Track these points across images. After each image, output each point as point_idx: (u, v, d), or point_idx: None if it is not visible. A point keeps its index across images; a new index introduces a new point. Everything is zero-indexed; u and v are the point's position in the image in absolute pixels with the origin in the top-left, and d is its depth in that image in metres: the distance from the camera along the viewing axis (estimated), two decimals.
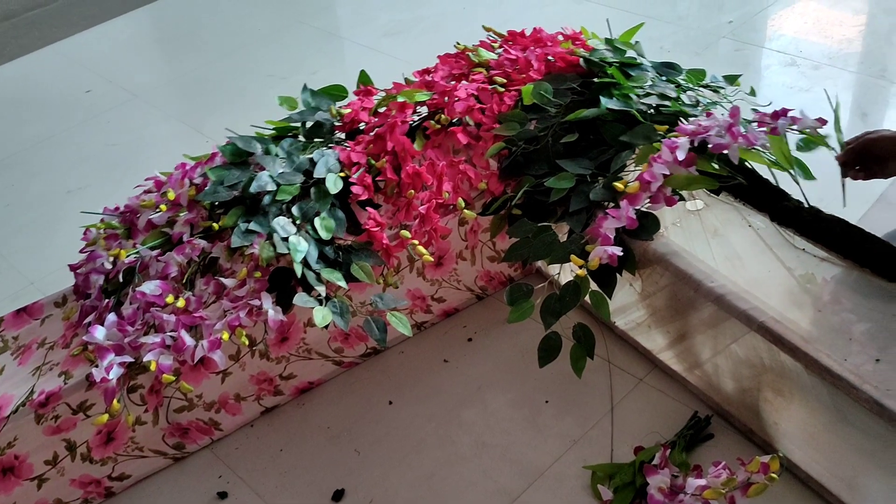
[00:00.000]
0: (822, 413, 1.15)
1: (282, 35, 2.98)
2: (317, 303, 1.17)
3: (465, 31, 1.63)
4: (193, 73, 2.77)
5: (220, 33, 3.05)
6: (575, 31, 1.59)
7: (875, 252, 1.13)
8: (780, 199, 1.25)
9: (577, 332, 1.20)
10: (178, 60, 2.94)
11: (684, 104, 1.39)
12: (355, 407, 1.41)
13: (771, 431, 1.21)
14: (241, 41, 2.95)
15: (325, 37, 2.99)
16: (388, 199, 1.33)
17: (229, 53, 2.86)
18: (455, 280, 1.51)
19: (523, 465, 1.28)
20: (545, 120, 1.38)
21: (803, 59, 2.40)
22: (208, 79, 2.71)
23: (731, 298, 1.14)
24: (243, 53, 2.86)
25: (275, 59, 2.78)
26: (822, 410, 1.15)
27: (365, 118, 1.44)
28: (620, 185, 1.20)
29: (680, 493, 1.08)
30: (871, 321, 1.10)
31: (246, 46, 2.91)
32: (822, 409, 1.14)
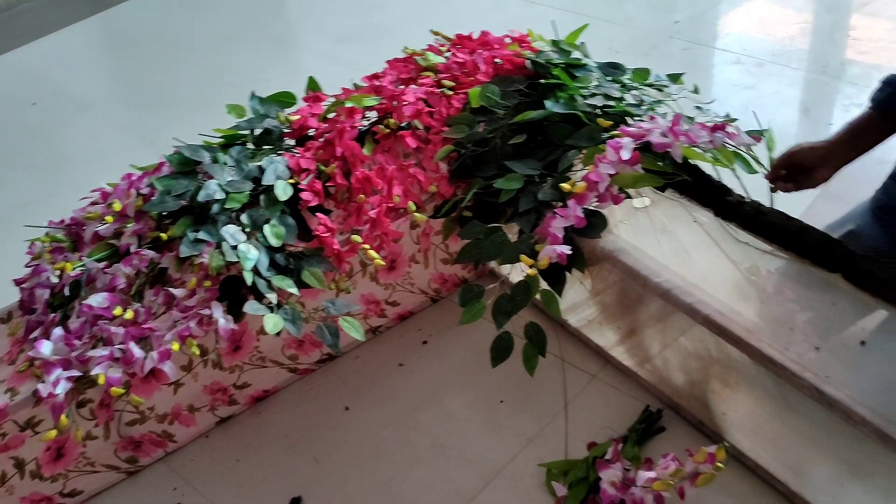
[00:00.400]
0: (768, 402, 1.18)
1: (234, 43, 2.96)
2: (268, 310, 1.16)
3: (417, 36, 1.63)
4: (144, 84, 2.75)
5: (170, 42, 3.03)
6: (522, 33, 1.61)
7: (814, 243, 1.16)
8: (722, 194, 1.27)
9: (529, 331, 1.21)
10: (127, 71, 2.91)
11: (629, 104, 1.41)
12: (312, 414, 1.41)
13: (720, 422, 1.23)
14: (193, 50, 2.93)
15: (277, 44, 2.98)
16: (339, 205, 1.34)
17: (180, 62, 2.84)
18: (409, 283, 1.51)
19: (480, 465, 1.29)
20: (493, 122, 1.39)
21: (748, 56, 2.45)
22: (159, 89, 2.69)
23: (677, 293, 1.16)
24: (195, 62, 2.84)
25: (227, 68, 2.77)
26: (768, 400, 1.18)
27: (314, 124, 1.44)
28: (567, 186, 1.22)
29: (632, 486, 1.10)
30: (813, 311, 1.13)
31: (197, 55, 2.89)
32: (768, 398, 1.17)
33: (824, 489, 1.12)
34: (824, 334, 1.08)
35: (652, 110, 1.42)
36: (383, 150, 1.39)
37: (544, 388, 1.39)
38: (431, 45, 1.61)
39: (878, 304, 1.09)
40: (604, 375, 1.39)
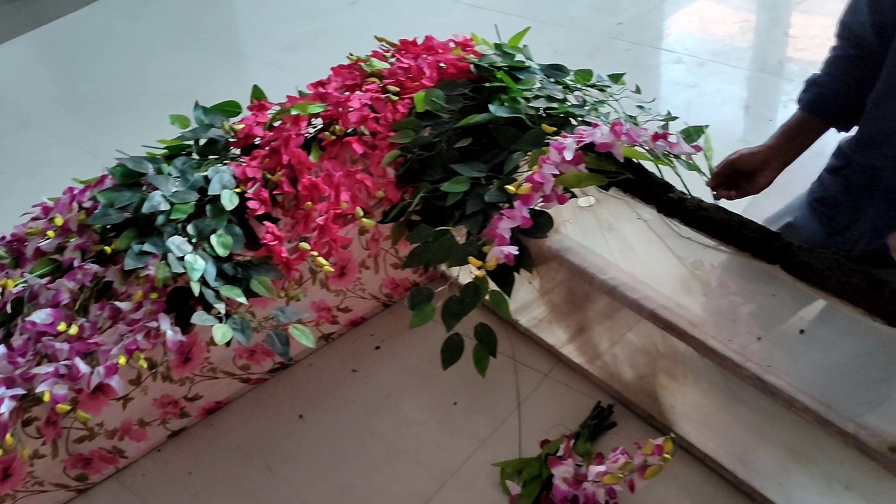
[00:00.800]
0: (714, 394, 1.20)
1: (180, 53, 2.94)
2: (216, 321, 1.15)
3: (363, 43, 1.64)
4: (88, 96, 2.71)
5: (115, 54, 2.99)
6: (466, 37, 1.62)
7: (753, 237, 1.18)
8: (665, 191, 1.29)
9: (479, 333, 1.22)
10: (70, 84, 2.87)
11: (572, 105, 1.43)
12: (265, 423, 1.40)
13: (669, 415, 1.25)
14: (138, 61, 2.90)
15: (224, 53, 2.96)
16: (287, 213, 1.33)
17: (126, 74, 2.81)
18: (360, 289, 1.51)
19: (435, 468, 1.29)
20: (439, 126, 1.40)
21: (690, 56, 2.49)
22: (104, 101, 2.66)
23: (623, 289, 1.18)
24: (140, 73, 2.81)
25: (173, 78, 2.74)
26: (714, 391, 1.20)
27: (259, 133, 1.43)
28: (513, 188, 1.23)
29: (584, 482, 1.12)
30: (754, 302, 1.15)
31: (143, 66, 2.86)
32: (715, 390, 1.19)
33: (769, 476, 1.15)
34: (765, 325, 1.11)
35: (595, 111, 1.44)
36: (330, 156, 1.39)
37: (497, 388, 1.40)
38: (376, 51, 1.62)
39: (816, 294, 1.12)
40: (555, 374, 1.41)
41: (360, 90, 1.48)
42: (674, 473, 1.19)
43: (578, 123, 1.38)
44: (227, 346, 1.19)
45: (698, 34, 2.68)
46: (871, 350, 1.04)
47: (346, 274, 1.46)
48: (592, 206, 1.40)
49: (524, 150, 1.32)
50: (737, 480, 1.16)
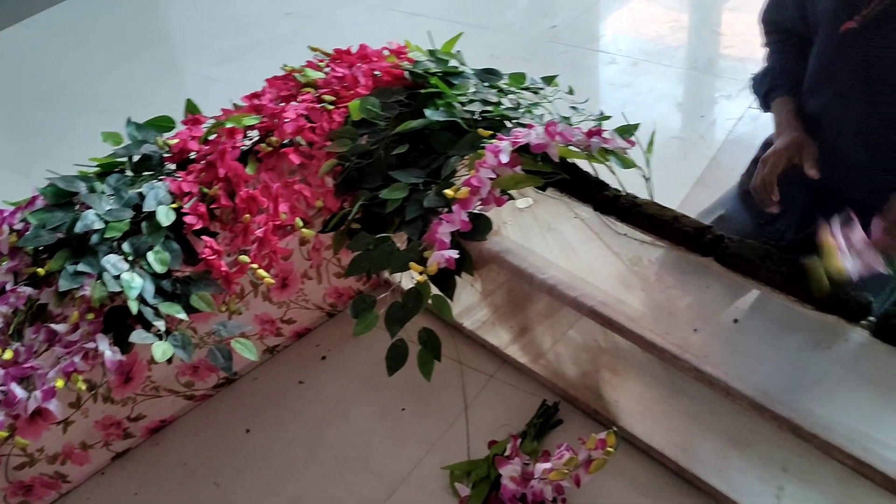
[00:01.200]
0: (655, 386, 1.23)
1: (113, 69, 2.90)
2: (156, 338, 1.14)
3: (300, 54, 1.63)
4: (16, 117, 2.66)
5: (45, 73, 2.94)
6: (400, 45, 1.63)
7: (687, 230, 1.21)
8: (600, 189, 1.32)
9: (423, 337, 1.23)
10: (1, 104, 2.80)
11: (506, 108, 1.45)
12: (212, 440, 1.39)
13: (613, 409, 1.27)
14: (70, 79, 2.85)
15: (158, 68, 2.93)
16: (225, 226, 1.32)
17: (57, 93, 2.76)
18: (303, 300, 1.51)
19: (385, 475, 1.29)
20: (376, 134, 1.40)
21: (622, 56, 2.54)
22: (35, 121, 2.61)
23: (563, 287, 1.19)
24: (73, 91, 2.76)
25: (106, 95, 2.71)
26: (655, 384, 1.22)
27: (195, 147, 1.42)
28: (451, 192, 1.24)
29: (531, 480, 1.13)
30: (690, 295, 1.18)
31: (75, 84, 2.81)
32: (655, 382, 1.22)
33: (710, 463, 1.17)
34: (702, 316, 1.13)
35: (529, 113, 1.46)
36: (267, 168, 1.38)
37: (444, 392, 1.41)
38: (310, 61, 1.61)
39: (749, 284, 1.15)
40: (501, 374, 1.42)
41: (296, 101, 1.48)
42: (619, 466, 1.21)
43: (513, 126, 1.39)
44: (168, 364, 1.17)
45: (631, 34, 2.74)
46: (803, 335, 1.07)
47: (289, 285, 1.46)
48: (531, 207, 1.41)
49: (461, 155, 1.33)
50: (679, 469, 1.19)
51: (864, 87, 1.15)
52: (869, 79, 1.14)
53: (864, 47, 1.12)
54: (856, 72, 1.15)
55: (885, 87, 1.12)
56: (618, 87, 2.37)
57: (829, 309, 1.07)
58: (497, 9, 3.03)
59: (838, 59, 1.17)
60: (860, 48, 1.13)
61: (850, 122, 1.18)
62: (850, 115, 1.18)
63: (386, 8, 3.11)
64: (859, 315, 1.06)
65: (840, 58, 1.16)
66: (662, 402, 1.24)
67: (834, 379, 1.01)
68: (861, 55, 1.13)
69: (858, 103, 1.16)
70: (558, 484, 1.11)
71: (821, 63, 1.22)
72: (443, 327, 1.46)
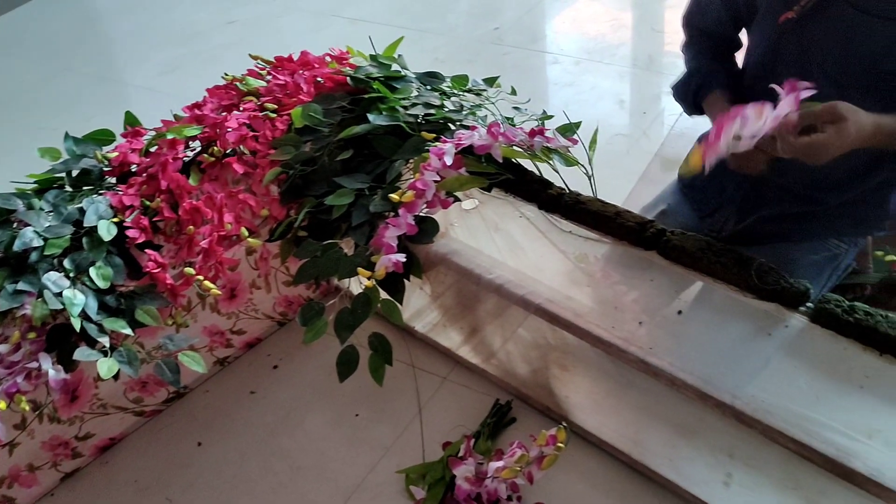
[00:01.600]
0: (604, 380, 1.24)
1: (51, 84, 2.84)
2: (101, 355, 1.12)
3: (243, 62, 1.62)
4: None
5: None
6: (342, 51, 1.62)
7: (630, 225, 1.23)
8: (544, 188, 1.33)
9: (373, 342, 1.23)
10: None
11: (449, 110, 1.46)
12: (163, 455, 1.37)
13: (564, 405, 1.29)
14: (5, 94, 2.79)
15: (97, 82, 2.88)
16: (169, 239, 1.31)
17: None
18: (252, 310, 1.50)
19: (340, 482, 1.29)
20: (319, 140, 1.40)
21: (565, 56, 2.57)
22: None
23: (510, 286, 1.20)
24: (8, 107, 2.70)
25: (45, 111, 2.66)
26: (604, 378, 1.24)
27: (135, 160, 1.40)
28: (396, 196, 1.24)
29: (485, 479, 1.13)
30: (635, 289, 1.20)
31: (11, 101, 2.75)
32: (604, 376, 1.23)
33: (660, 453, 1.19)
34: (646, 309, 1.15)
35: (472, 115, 1.47)
36: (210, 178, 1.37)
37: (398, 396, 1.41)
38: (251, 69, 1.60)
39: (691, 276, 1.17)
40: (454, 376, 1.43)
41: (238, 110, 1.47)
42: (573, 461, 1.23)
43: (457, 128, 1.40)
44: (115, 380, 1.16)
45: (573, 34, 2.77)
46: (745, 324, 1.09)
47: (237, 296, 1.45)
48: (477, 208, 1.42)
49: (405, 158, 1.34)
50: (631, 461, 1.21)
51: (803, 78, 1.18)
52: (807, 68, 1.16)
53: (802, 37, 1.15)
54: (794, 62, 1.17)
55: (823, 76, 1.15)
56: (561, 87, 2.39)
57: (769, 297, 1.10)
58: (439, 12, 3.04)
59: (777, 52, 1.19)
60: (798, 38, 1.15)
61: None
62: None
63: (329, 14, 3.09)
64: (798, 302, 1.09)
65: (779, 50, 1.19)
66: (612, 396, 1.25)
67: (775, 365, 1.03)
68: (799, 45, 1.15)
69: None
70: (513, 482, 1.11)
71: (760, 57, 1.24)
72: (394, 331, 1.46)
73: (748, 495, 1.13)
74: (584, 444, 1.26)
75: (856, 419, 0.94)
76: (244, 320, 1.49)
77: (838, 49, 1.12)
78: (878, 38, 1.07)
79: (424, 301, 1.46)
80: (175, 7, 3.39)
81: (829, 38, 1.12)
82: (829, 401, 0.97)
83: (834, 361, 1.02)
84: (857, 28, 1.08)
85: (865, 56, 1.10)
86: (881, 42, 1.08)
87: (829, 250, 1.30)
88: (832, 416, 0.95)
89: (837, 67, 1.13)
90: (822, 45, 1.13)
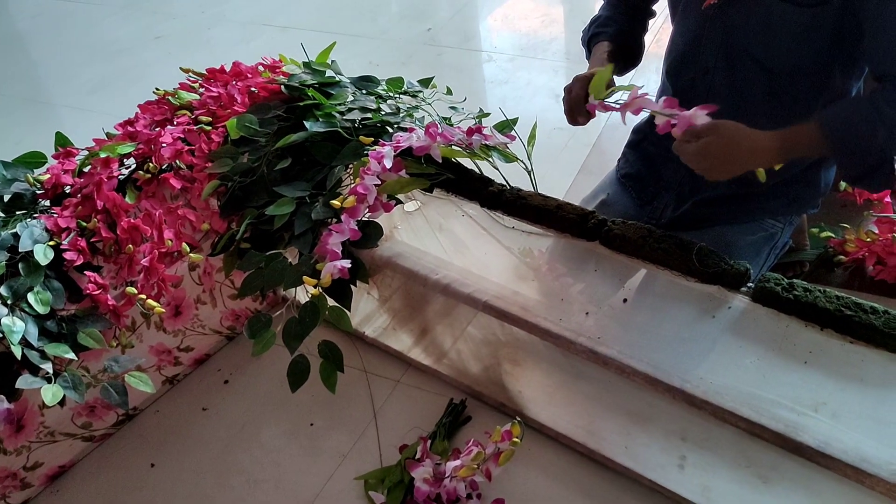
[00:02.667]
0: (555, 373, 1.25)
1: None
2: (44, 381, 1.10)
3: (175, 77, 1.60)
4: None
5: None
6: (275, 59, 1.61)
7: (570, 218, 1.25)
8: (485, 185, 1.34)
9: (323, 350, 1.22)
10: None
11: (386, 113, 1.46)
12: (115, 479, 1.34)
13: (518, 400, 1.30)
14: None
15: (24, 104, 2.81)
16: (108, 259, 1.28)
17: None
18: (199, 326, 1.48)
19: (298, 492, 1.28)
20: (256, 150, 1.39)
21: (498, 53, 2.59)
22: None
23: (456, 285, 1.21)
24: None
25: None
26: (555, 370, 1.25)
27: (69, 181, 1.37)
28: (337, 203, 1.23)
29: (444, 479, 1.14)
30: (581, 280, 1.21)
31: None
32: (555, 369, 1.24)
33: (615, 442, 1.21)
34: (593, 300, 1.16)
35: (410, 116, 1.47)
36: (147, 195, 1.35)
37: (352, 402, 1.40)
38: (183, 83, 1.58)
39: (635, 263, 1.19)
40: (407, 378, 1.43)
41: (171, 124, 1.45)
42: (531, 454, 1.24)
43: (395, 131, 1.40)
44: (61, 407, 1.13)
45: (505, 32, 2.79)
46: (689, 307, 1.11)
47: (182, 312, 1.42)
48: (420, 209, 1.42)
49: (344, 164, 1.33)
50: (587, 451, 1.22)
51: (728, 61, 1.20)
52: (731, 52, 1.19)
53: (725, 21, 1.17)
54: (719, 46, 1.20)
55: (747, 60, 1.18)
56: (497, 84, 2.41)
57: (711, 279, 1.12)
58: (371, 16, 3.04)
59: (702, 36, 1.22)
60: (722, 22, 1.18)
61: (716, 97, 1.23)
62: (717, 89, 1.23)
63: (259, 24, 3.06)
64: (739, 282, 1.11)
65: (704, 34, 1.21)
66: (564, 388, 1.27)
67: (722, 346, 1.06)
68: (723, 29, 1.18)
69: (723, 77, 1.22)
70: (471, 480, 1.12)
71: (685, 42, 1.27)
72: (345, 338, 1.45)
73: (702, 476, 1.15)
74: (540, 437, 1.27)
75: (802, 394, 0.97)
76: (191, 337, 1.47)
77: (761, 34, 1.14)
78: (793, 25, 1.11)
79: (373, 306, 1.46)
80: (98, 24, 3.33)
81: (751, 24, 1.15)
82: (775, 378, 1.00)
83: (778, 339, 1.04)
84: (776, 15, 1.11)
85: (785, 41, 1.13)
86: (797, 28, 1.11)
87: (766, 230, 1.33)
88: (779, 393, 0.97)
89: (762, 52, 1.16)
90: (746, 30, 1.16)
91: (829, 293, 1.05)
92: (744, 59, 1.19)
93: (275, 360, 1.30)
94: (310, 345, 1.17)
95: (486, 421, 1.32)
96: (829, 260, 1.53)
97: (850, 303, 1.04)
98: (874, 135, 1.05)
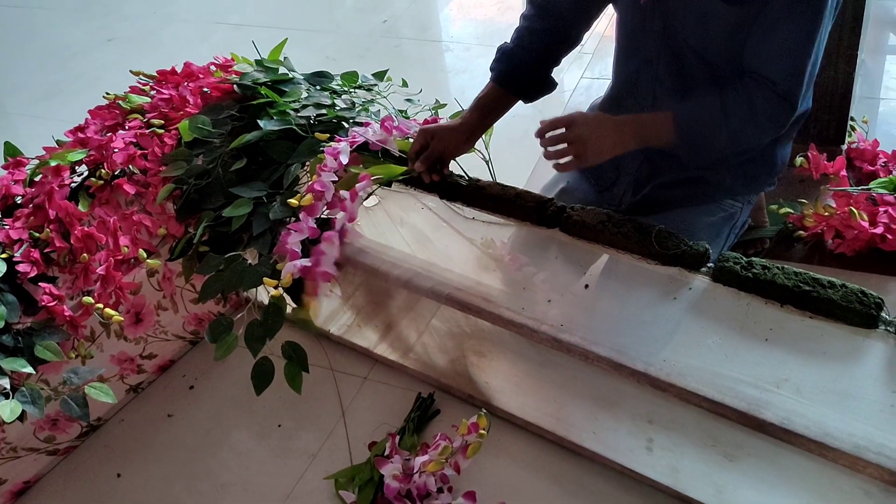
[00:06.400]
0: (521, 362, 1.25)
1: None
2: (2, 397, 1.08)
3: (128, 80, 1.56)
4: None
5: None
6: (227, 58, 1.59)
7: (531, 206, 1.24)
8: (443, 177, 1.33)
9: (287, 351, 1.20)
10: None
11: (341, 109, 1.44)
12: (81, 492, 1.32)
13: (485, 391, 1.29)
14: None
15: None
16: (63, 269, 1.26)
17: None
18: (161, 332, 1.45)
19: (268, 494, 1.27)
20: (211, 152, 1.37)
21: (455, 43, 2.57)
22: None
23: (418, 279, 1.20)
24: None
25: None
26: (520, 360, 1.25)
27: (19, 191, 1.35)
28: (295, 201, 1.22)
29: (413, 475, 1.13)
30: (542, 268, 1.21)
31: None
32: (520, 358, 1.24)
33: (583, 427, 1.21)
34: (554, 287, 1.16)
35: (365, 111, 1.46)
36: (101, 202, 1.33)
37: (320, 401, 1.39)
38: (134, 86, 1.56)
39: (595, 249, 1.19)
40: (374, 375, 1.42)
41: (123, 129, 1.43)
42: (500, 444, 1.24)
43: (350, 126, 1.39)
44: (21, 422, 1.11)
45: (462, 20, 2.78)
46: (651, 290, 1.11)
47: (143, 319, 1.40)
48: (379, 204, 1.41)
49: (301, 162, 1.32)
50: (556, 438, 1.22)
51: (669, 51, 1.21)
52: (671, 45, 1.20)
53: (665, 16, 1.18)
54: (659, 39, 1.21)
55: (687, 51, 1.18)
56: (454, 74, 2.40)
57: (671, 261, 1.12)
58: (325, 10, 3.01)
59: (642, 30, 1.22)
60: (663, 16, 1.18)
61: (661, 85, 1.24)
62: (661, 77, 1.23)
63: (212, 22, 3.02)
64: (698, 263, 1.12)
65: (644, 28, 1.22)
66: (531, 376, 1.27)
67: (684, 327, 1.06)
68: (662, 24, 1.19)
69: (666, 66, 1.22)
70: (441, 474, 1.11)
71: (627, 33, 1.27)
72: (309, 337, 1.44)
73: (670, 457, 1.15)
74: (509, 426, 1.27)
75: (764, 371, 0.97)
76: (154, 343, 1.45)
77: (699, 29, 1.16)
78: (723, 22, 1.12)
79: (336, 303, 1.45)
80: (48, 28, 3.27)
81: (689, 18, 1.16)
82: (737, 356, 1.00)
83: (739, 318, 1.05)
84: (710, 11, 1.13)
85: (718, 35, 1.14)
86: (726, 25, 1.12)
87: (725, 210, 1.34)
88: (742, 371, 0.98)
89: (700, 44, 1.17)
90: (684, 23, 1.17)
91: (788, 270, 1.06)
92: (684, 50, 1.20)
93: (240, 363, 1.28)
94: (274, 346, 1.16)
95: (455, 413, 1.32)
96: (788, 236, 1.55)
97: (808, 278, 1.04)
98: (717, 135, 1.15)
